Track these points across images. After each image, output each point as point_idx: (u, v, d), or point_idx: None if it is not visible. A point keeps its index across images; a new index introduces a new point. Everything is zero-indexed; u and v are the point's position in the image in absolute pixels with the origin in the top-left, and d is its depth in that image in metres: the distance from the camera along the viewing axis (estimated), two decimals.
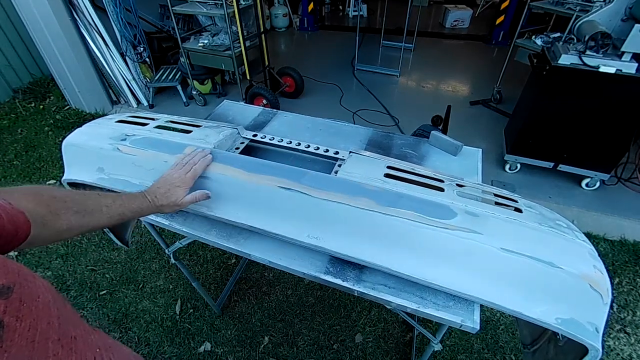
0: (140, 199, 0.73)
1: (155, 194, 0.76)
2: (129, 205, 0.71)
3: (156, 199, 0.75)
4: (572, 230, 0.76)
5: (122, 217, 0.69)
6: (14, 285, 0.33)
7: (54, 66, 3.32)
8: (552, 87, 2.11)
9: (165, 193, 0.76)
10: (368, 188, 0.81)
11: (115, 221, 0.68)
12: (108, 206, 0.67)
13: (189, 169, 0.81)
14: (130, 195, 0.73)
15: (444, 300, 0.78)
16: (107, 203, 0.67)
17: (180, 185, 0.78)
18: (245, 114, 1.40)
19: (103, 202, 0.66)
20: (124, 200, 0.70)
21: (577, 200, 2.39)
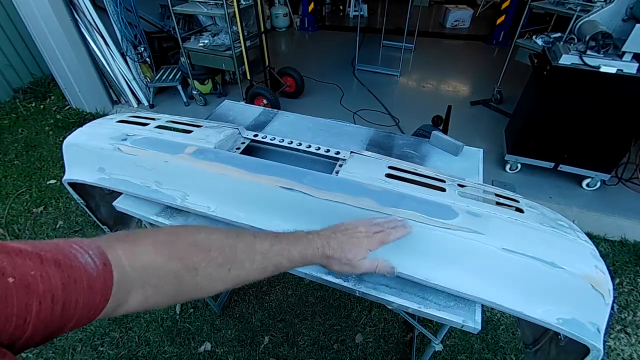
0: (305, 243, 0.57)
1: (328, 239, 0.60)
2: (290, 252, 0.55)
3: (327, 247, 0.59)
4: (574, 230, 0.76)
5: (277, 269, 0.54)
6: None
7: (54, 66, 3.32)
8: (553, 87, 2.11)
9: (342, 244, 0.60)
10: (369, 188, 0.80)
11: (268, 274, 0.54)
12: (263, 254, 0.52)
13: (379, 229, 0.65)
14: (292, 237, 0.57)
15: (445, 301, 0.78)
16: (263, 249, 0.52)
17: (364, 245, 0.62)
18: (246, 114, 1.40)
19: (258, 249, 0.52)
20: (283, 245, 0.54)
21: (577, 200, 2.39)
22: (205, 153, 0.91)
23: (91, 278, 0.35)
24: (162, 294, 0.43)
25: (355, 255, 0.60)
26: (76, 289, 0.33)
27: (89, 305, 0.35)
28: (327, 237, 0.60)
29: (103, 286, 0.36)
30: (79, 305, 0.33)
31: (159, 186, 0.93)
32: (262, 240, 0.53)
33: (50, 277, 0.31)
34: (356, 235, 0.62)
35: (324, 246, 0.59)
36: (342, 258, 0.60)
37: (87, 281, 0.34)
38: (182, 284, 0.44)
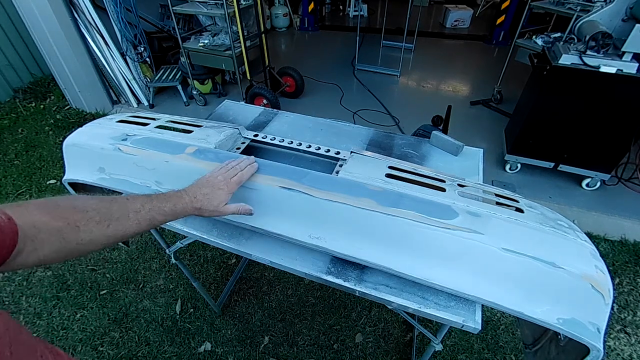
0: (174, 199, 0.66)
1: (194, 194, 0.69)
2: (160, 208, 0.63)
3: (195, 200, 0.68)
4: (574, 230, 0.76)
5: (152, 222, 0.63)
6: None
7: (54, 66, 3.32)
8: (553, 87, 2.11)
9: (207, 194, 0.70)
10: (369, 188, 0.80)
11: (144, 227, 0.62)
12: (136, 211, 0.60)
13: (234, 173, 0.76)
14: (163, 196, 0.66)
15: (445, 301, 0.78)
16: (135, 208, 0.60)
17: (224, 189, 0.72)
18: (246, 114, 1.40)
19: (130, 207, 0.60)
20: (154, 203, 0.63)
21: (577, 200, 2.39)
22: (205, 153, 0.91)
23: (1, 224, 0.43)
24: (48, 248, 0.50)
25: (220, 202, 0.71)
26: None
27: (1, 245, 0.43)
28: (194, 192, 0.69)
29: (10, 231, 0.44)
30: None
31: (159, 186, 0.93)
32: (134, 200, 0.62)
33: None
34: (217, 184, 0.72)
35: (192, 200, 0.68)
36: (209, 207, 0.70)
37: None
38: (67, 239, 0.52)
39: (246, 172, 0.78)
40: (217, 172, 0.76)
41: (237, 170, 0.77)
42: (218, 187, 0.72)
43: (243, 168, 0.79)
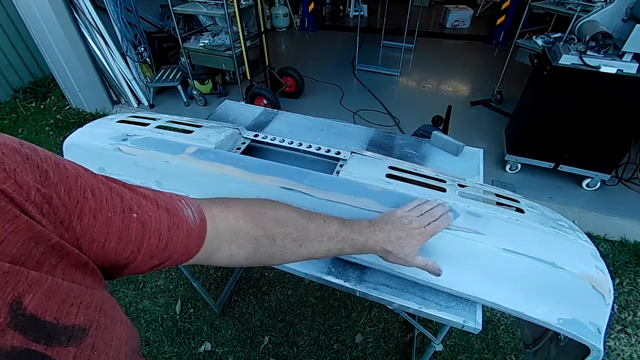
0: (368, 233, 0.60)
1: (389, 234, 0.61)
2: (353, 240, 0.58)
3: (388, 241, 0.61)
4: (574, 230, 0.76)
5: (340, 252, 0.59)
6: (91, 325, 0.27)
7: (54, 66, 3.32)
8: (553, 87, 2.11)
9: (401, 239, 0.62)
10: (370, 188, 0.80)
11: (331, 255, 0.58)
12: (330, 237, 0.56)
13: (428, 221, 0.67)
14: (357, 226, 0.60)
15: (445, 301, 0.78)
16: (330, 233, 0.56)
17: (418, 239, 0.63)
18: (246, 114, 1.40)
19: (325, 231, 0.56)
20: (348, 232, 0.58)
21: (577, 200, 2.39)
22: (205, 153, 0.91)
23: (189, 228, 0.42)
24: (242, 255, 0.51)
25: (411, 252, 0.63)
26: (177, 233, 0.40)
27: (184, 249, 0.42)
28: (388, 232, 0.62)
29: (197, 237, 0.43)
30: (177, 247, 0.40)
31: (160, 186, 0.93)
32: (330, 224, 0.57)
33: (161, 220, 0.39)
34: (412, 231, 0.64)
35: (384, 240, 0.61)
36: (399, 253, 0.62)
37: (186, 230, 0.42)
38: (260, 249, 0.51)
39: (441, 224, 0.68)
40: (411, 215, 0.67)
41: (431, 218, 0.68)
42: (413, 234, 0.63)
43: (437, 217, 0.69)
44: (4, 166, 0.25)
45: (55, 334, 0.24)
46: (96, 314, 0.28)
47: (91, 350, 0.27)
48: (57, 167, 0.30)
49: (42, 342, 0.24)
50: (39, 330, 0.24)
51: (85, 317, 0.27)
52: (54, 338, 0.24)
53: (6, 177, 0.25)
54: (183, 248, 0.41)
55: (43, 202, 0.27)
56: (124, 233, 0.34)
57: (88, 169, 0.35)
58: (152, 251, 0.38)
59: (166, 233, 0.39)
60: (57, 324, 0.25)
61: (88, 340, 0.27)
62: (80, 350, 0.26)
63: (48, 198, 0.28)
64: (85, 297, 0.28)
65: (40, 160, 0.29)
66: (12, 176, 0.25)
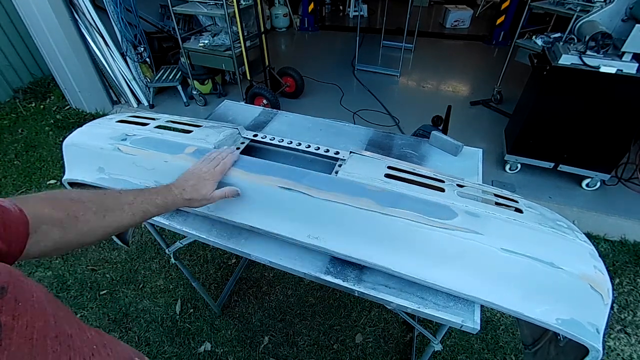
0: (164, 193, 0.70)
1: (182, 187, 0.73)
2: (152, 201, 0.67)
3: (184, 192, 0.72)
4: (573, 230, 0.76)
5: (145, 214, 0.66)
6: (8, 285, 0.32)
7: (54, 66, 3.33)
8: (553, 87, 2.11)
9: (195, 185, 0.74)
10: (368, 188, 0.80)
11: (139, 219, 0.65)
12: (130, 204, 0.63)
13: (217, 163, 0.80)
14: (154, 190, 0.70)
15: (444, 301, 0.78)
16: (129, 200, 0.64)
17: (209, 179, 0.76)
18: (246, 114, 1.40)
19: (124, 200, 0.63)
20: (146, 196, 0.67)
21: (577, 200, 2.39)
22: (204, 153, 0.91)
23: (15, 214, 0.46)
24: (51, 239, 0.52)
25: (207, 191, 0.75)
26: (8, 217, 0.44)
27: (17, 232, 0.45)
28: (181, 185, 0.73)
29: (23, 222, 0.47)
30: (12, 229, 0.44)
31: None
32: (126, 193, 0.65)
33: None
34: (202, 175, 0.76)
35: (181, 193, 0.72)
36: (198, 196, 0.74)
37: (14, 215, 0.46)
38: (67, 230, 0.54)
39: (228, 160, 0.82)
40: (201, 164, 0.80)
41: (219, 160, 0.81)
42: (204, 177, 0.76)
43: (224, 157, 0.83)
44: None
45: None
46: (8, 277, 0.32)
47: (15, 302, 0.31)
48: None
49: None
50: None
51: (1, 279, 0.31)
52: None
53: None
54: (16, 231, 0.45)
55: None
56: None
57: None
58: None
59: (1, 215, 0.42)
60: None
61: (9, 295, 0.31)
62: (5, 302, 0.30)
63: None
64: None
65: None
66: None
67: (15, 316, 0.30)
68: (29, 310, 0.33)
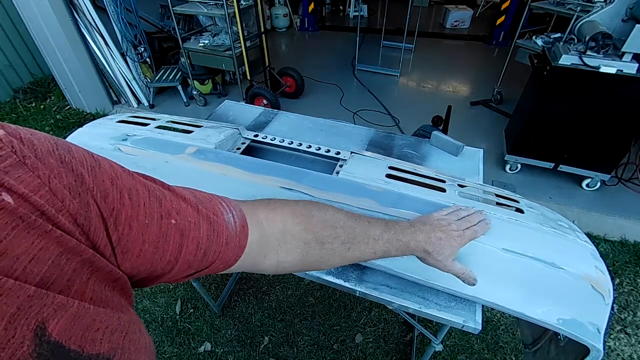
0: (410, 234, 0.59)
1: (429, 234, 0.60)
2: (397, 241, 0.57)
3: (428, 242, 0.59)
4: (574, 230, 0.76)
5: (385, 255, 0.57)
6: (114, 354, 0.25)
7: (54, 66, 3.32)
8: (553, 87, 2.11)
9: (441, 240, 0.60)
10: (370, 188, 0.81)
11: (377, 258, 0.56)
12: (375, 239, 0.55)
13: (467, 226, 0.66)
14: (399, 227, 0.59)
15: (445, 301, 0.78)
16: (375, 235, 0.55)
17: (457, 241, 0.62)
18: (246, 114, 1.40)
19: (371, 233, 0.54)
20: (392, 234, 0.56)
21: (577, 200, 2.39)
22: (205, 153, 0.91)
23: (229, 236, 0.39)
24: (291, 260, 0.48)
25: (450, 255, 0.62)
26: (216, 242, 0.38)
27: (222, 258, 0.39)
28: (428, 233, 0.60)
29: (237, 246, 0.41)
30: (215, 255, 0.38)
31: None
32: (375, 226, 0.56)
33: (200, 227, 0.36)
34: (450, 233, 0.62)
35: (425, 241, 0.60)
36: (438, 255, 0.61)
37: (226, 238, 0.39)
38: (309, 253, 0.49)
39: (480, 229, 0.68)
40: (449, 218, 0.66)
41: (469, 224, 0.67)
42: (452, 236, 0.62)
43: (475, 222, 0.68)
44: (38, 172, 0.23)
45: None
46: (121, 340, 0.27)
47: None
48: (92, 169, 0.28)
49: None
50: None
51: (109, 345, 0.25)
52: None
53: (40, 184, 0.23)
54: (221, 257, 0.39)
55: (78, 211, 0.26)
56: (160, 242, 0.32)
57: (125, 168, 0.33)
58: (190, 260, 0.35)
59: (205, 241, 0.36)
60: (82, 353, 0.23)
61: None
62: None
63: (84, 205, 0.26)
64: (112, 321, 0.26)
65: (75, 163, 0.27)
66: (46, 183, 0.24)
67: None
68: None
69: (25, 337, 0.20)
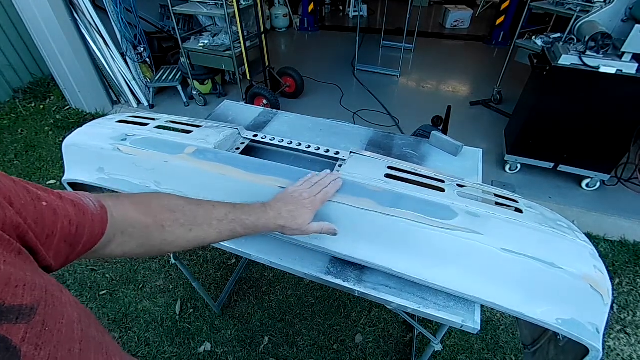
0: (258, 213, 0.64)
1: (279, 210, 0.65)
2: (243, 220, 0.62)
3: (279, 217, 0.65)
4: (573, 230, 0.76)
5: (233, 233, 0.61)
6: (39, 304, 0.28)
7: (54, 66, 3.32)
8: (553, 87, 2.11)
9: (292, 212, 0.66)
10: (369, 188, 0.81)
11: (225, 237, 0.61)
12: (219, 220, 0.59)
13: (318, 190, 0.71)
14: (247, 208, 0.63)
15: (444, 301, 0.78)
16: (219, 216, 0.60)
17: (309, 207, 0.67)
18: (246, 114, 1.40)
19: (214, 215, 0.59)
20: (238, 214, 0.61)
21: (577, 200, 2.39)
22: (204, 153, 0.91)
23: (93, 213, 0.45)
24: (135, 242, 0.52)
25: (304, 221, 0.67)
26: (84, 218, 0.43)
27: (91, 233, 0.44)
28: (278, 208, 0.66)
29: (101, 220, 0.46)
30: (85, 230, 0.43)
31: (159, 186, 0.93)
32: (220, 208, 0.61)
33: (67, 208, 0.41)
34: (302, 202, 0.68)
35: (276, 217, 0.65)
36: (293, 225, 0.66)
37: (91, 215, 0.44)
38: (151, 236, 0.53)
39: (331, 189, 0.73)
40: (301, 188, 0.71)
41: (321, 187, 0.72)
42: (303, 205, 0.67)
43: (327, 184, 0.73)
44: None
45: (2, 313, 0.25)
46: (43, 295, 0.29)
47: (42, 326, 0.28)
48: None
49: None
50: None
51: (32, 298, 0.28)
52: (2, 317, 0.25)
53: None
54: (90, 232, 0.44)
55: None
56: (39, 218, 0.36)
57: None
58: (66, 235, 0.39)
59: (74, 217, 0.41)
60: (4, 304, 0.25)
61: (37, 317, 0.28)
62: (30, 327, 0.27)
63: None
64: (28, 279, 0.29)
65: None
66: None
67: (38, 345, 0.27)
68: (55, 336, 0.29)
69: None
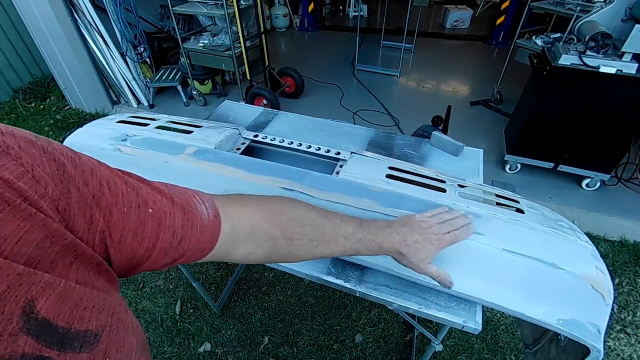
0: (384, 235, 0.59)
1: (405, 236, 0.60)
2: (369, 241, 0.57)
3: (404, 244, 0.59)
4: (574, 230, 0.76)
5: (356, 253, 0.58)
6: (103, 330, 0.27)
7: (54, 66, 3.32)
8: (553, 87, 2.11)
9: (417, 243, 0.60)
10: (370, 189, 0.80)
11: (347, 255, 0.58)
12: (346, 238, 0.56)
13: (447, 229, 0.64)
14: (372, 227, 0.59)
15: (445, 301, 0.78)
16: (347, 233, 0.56)
17: (435, 244, 0.62)
18: (246, 115, 1.40)
19: (342, 232, 0.55)
20: (364, 234, 0.57)
21: (577, 200, 2.39)
22: (205, 153, 0.91)
23: (203, 225, 0.42)
24: (260, 253, 0.50)
25: (426, 257, 0.61)
26: (191, 230, 0.40)
27: (197, 247, 0.41)
28: (405, 235, 0.61)
29: (211, 234, 0.43)
30: (191, 244, 0.40)
31: None
32: (347, 224, 0.57)
33: (175, 217, 0.38)
34: (429, 236, 0.62)
35: (400, 243, 0.60)
36: (413, 257, 0.61)
37: (200, 227, 0.41)
38: (277, 248, 0.51)
39: (461, 235, 0.65)
40: (430, 221, 0.65)
41: (451, 227, 0.65)
42: (430, 240, 0.61)
43: (458, 227, 0.66)
44: (21, 161, 0.25)
45: (67, 339, 0.24)
46: (109, 319, 0.28)
47: (103, 356, 0.26)
48: (73, 160, 0.30)
49: (54, 347, 0.23)
50: (51, 336, 0.23)
51: (98, 322, 0.26)
52: (66, 344, 0.24)
53: (24, 172, 0.24)
54: (196, 245, 0.41)
55: (59, 198, 0.27)
56: (139, 229, 0.34)
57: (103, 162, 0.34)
58: (166, 248, 0.37)
59: (180, 230, 0.38)
60: (70, 329, 0.24)
61: (100, 346, 0.26)
62: (92, 357, 0.25)
63: (65, 192, 0.27)
64: (98, 301, 0.27)
65: (57, 153, 0.28)
66: (29, 171, 0.25)
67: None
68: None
69: (13, 314, 0.21)
